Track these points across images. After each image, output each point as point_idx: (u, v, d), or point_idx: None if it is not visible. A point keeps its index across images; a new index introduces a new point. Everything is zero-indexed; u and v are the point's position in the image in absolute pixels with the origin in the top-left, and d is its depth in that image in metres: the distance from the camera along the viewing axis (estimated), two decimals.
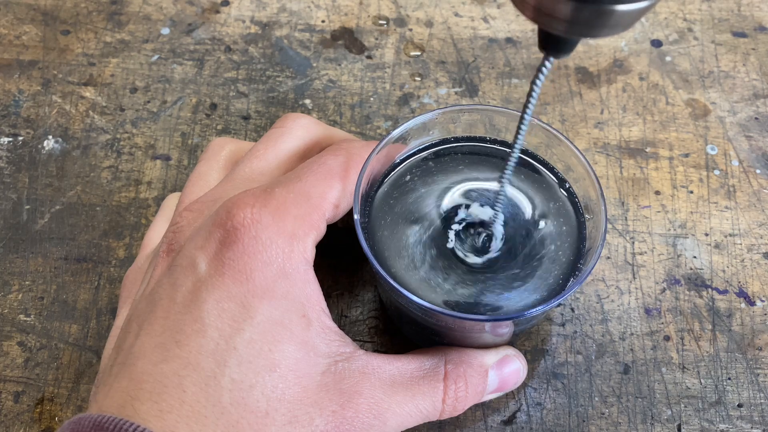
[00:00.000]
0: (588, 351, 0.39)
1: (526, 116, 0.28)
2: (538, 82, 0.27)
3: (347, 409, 0.30)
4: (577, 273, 0.33)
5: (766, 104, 0.47)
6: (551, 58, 0.26)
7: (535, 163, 0.36)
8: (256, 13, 0.51)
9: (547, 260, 0.34)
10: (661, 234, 0.43)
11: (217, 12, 0.51)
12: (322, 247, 0.33)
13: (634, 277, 0.41)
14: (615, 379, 0.39)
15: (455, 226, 0.34)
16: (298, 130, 0.37)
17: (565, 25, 0.24)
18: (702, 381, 0.39)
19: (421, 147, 0.37)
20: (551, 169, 0.36)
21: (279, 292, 0.30)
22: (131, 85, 0.48)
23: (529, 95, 0.28)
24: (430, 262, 0.34)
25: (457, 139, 0.37)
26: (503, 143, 0.37)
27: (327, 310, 0.32)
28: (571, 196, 0.35)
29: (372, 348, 0.40)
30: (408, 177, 0.36)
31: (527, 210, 0.35)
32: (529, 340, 0.40)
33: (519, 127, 0.29)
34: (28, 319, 0.41)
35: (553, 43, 0.25)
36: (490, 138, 0.37)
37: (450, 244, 0.34)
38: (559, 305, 0.39)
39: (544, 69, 0.26)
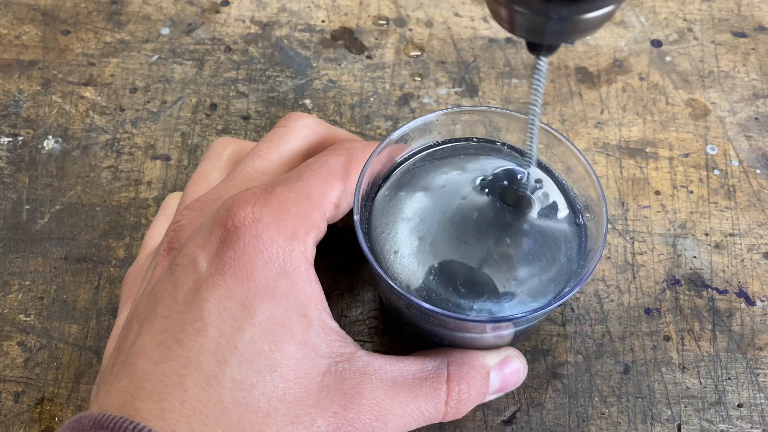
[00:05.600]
0: (588, 351, 0.39)
1: (533, 117, 0.31)
2: (537, 77, 0.29)
3: (349, 410, 0.30)
4: (578, 273, 0.33)
5: (766, 104, 0.47)
6: (542, 58, 0.29)
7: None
8: (256, 13, 0.51)
9: (548, 261, 0.34)
10: (661, 234, 0.43)
11: (217, 12, 0.51)
12: (322, 247, 0.33)
13: (634, 277, 0.41)
14: (615, 379, 0.39)
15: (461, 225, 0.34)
16: (302, 130, 0.37)
17: (539, 35, 0.26)
18: (702, 381, 0.39)
19: (422, 148, 0.37)
20: (551, 169, 0.36)
21: (280, 292, 0.30)
22: (131, 85, 0.48)
23: (533, 94, 0.30)
24: (430, 262, 0.34)
25: (458, 140, 0.37)
26: (503, 144, 0.37)
27: (328, 310, 0.32)
28: (572, 196, 0.35)
29: (372, 348, 0.40)
30: (409, 177, 0.36)
31: (528, 210, 0.35)
32: (529, 340, 0.40)
33: (529, 129, 0.32)
34: (28, 319, 0.41)
35: (537, 48, 0.28)
36: (490, 138, 0.37)
37: (451, 244, 0.34)
38: (559, 305, 0.39)
39: (539, 66, 0.29)
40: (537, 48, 0.28)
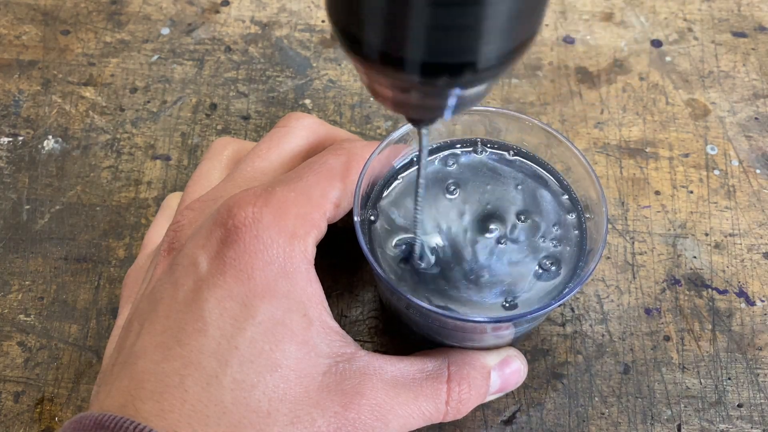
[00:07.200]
0: (588, 351, 0.39)
1: (420, 186, 0.31)
2: (421, 147, 0.29)
3: (349, 410, 0.30)
4: (578, 274, 0.33)
5: (766, 104, 0.47)
6: (423, 129, 0.28)
7: (532, 164, 0.36)
8: (256, 13, 0.51)
9: (548, 261, 0.34)
10: (661, 234, 0.43)
11: (217, 12, 0.51)
12: (322, 247, 0.33)
13: (634, 277, 0.41)
14: (615, 379, 0.39)
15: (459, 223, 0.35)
16: (302, 130, 0.37)
17: (418, 112, 0.26)
18: (702, 381, 0.39)
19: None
20: (550, 170, 0.36)
21: (280, 292, 0.30)
22: (131, 85, 0.48)
23: (419, 161, 0.30)
24: (430, 263, 0.34)
25: (458, 140, 0.37)
26: (501, 145, 0.37)
27: (329, 310, 0.32)
28: (572, 196, 0.35)
29: (372, 348, 0.40)
30: (409, 178, 0.36)
31: (528, 210, 0.35)
32: (529, 340, 0.40)
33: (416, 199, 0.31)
34: (28, 319, 0.41)
35: (417, 122, 0.28)
36: (484, 140, 0.37)
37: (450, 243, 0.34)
38: (559, 305, 0.39)
39: (422, 136, 0.29)
40: (417, 122, 0.28)
